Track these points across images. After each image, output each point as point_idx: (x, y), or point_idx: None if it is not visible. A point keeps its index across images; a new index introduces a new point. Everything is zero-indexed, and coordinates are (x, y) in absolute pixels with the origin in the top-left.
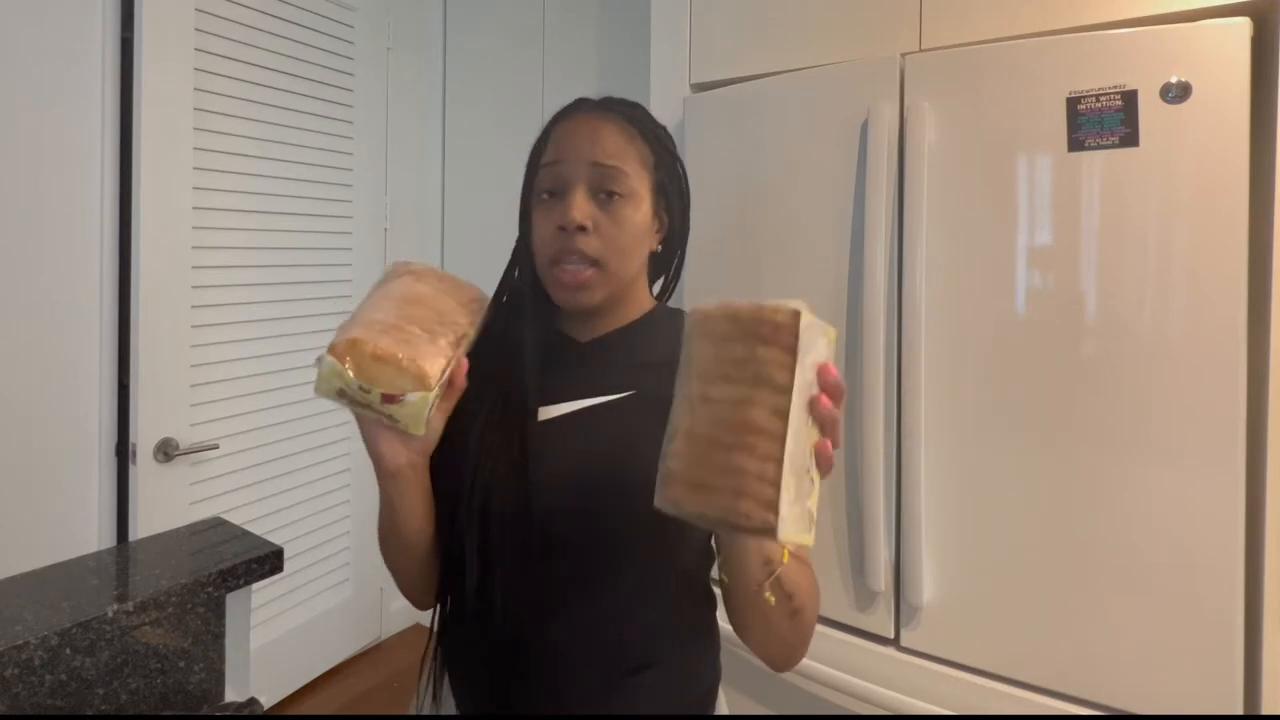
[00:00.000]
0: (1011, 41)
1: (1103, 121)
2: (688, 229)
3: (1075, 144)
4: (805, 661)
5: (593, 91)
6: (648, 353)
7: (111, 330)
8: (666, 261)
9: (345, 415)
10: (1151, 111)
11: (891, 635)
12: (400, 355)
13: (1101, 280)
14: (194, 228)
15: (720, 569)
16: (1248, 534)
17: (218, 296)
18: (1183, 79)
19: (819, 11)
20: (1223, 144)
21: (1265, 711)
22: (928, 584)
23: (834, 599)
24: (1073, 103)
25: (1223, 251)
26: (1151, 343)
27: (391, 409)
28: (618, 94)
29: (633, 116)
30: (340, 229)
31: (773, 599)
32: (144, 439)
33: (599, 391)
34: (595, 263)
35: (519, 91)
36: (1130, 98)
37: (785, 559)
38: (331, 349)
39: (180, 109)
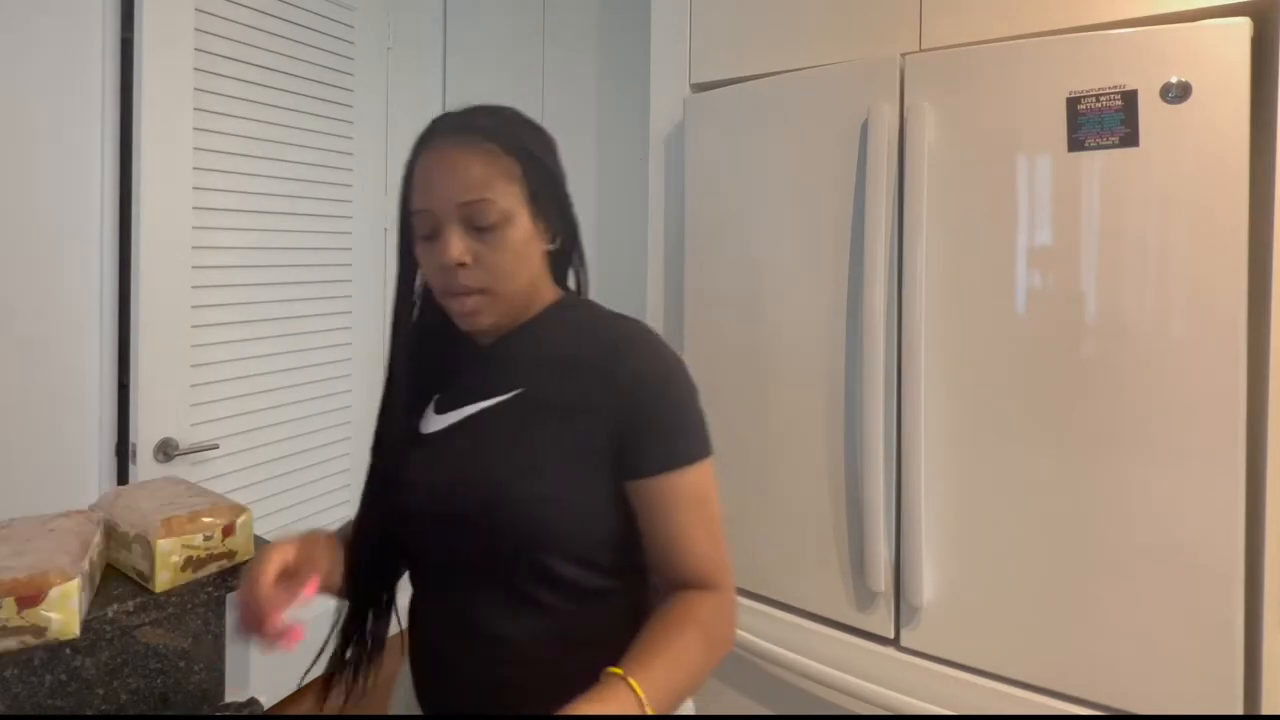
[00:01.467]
0: (1011, 41)
1: (1103, 121)
2: (574, 219)
3: (1075, 144)
4: (805, 661)
5: (592, 92)
6: (539, 350)
7: (111, 330)
8: (567, 254)
9: (345, 415)
10: (1151, 111)
11: (891, 635)
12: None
13: (1101, 280)
14: (194, 228)
15: None
16: (1248, 534)
17: (218, 296)
18: (1183, 79)
19: (819, 11)
20: (1223, 144)
21: (1265, 711)
22: (928, 584)
23: (834, 599)
24: (1073, 103)
25: (1223, 251)
26: (1151, 343)
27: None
28: (618, 94)
29: (490, 130)
30: (340, 229)
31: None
32: (144, 439)
33: (490, 394)
34: (481, 290)
35: (519, 91)
36: (1130, 98)
37: (649, 711)
38: None
39: (180, 109)
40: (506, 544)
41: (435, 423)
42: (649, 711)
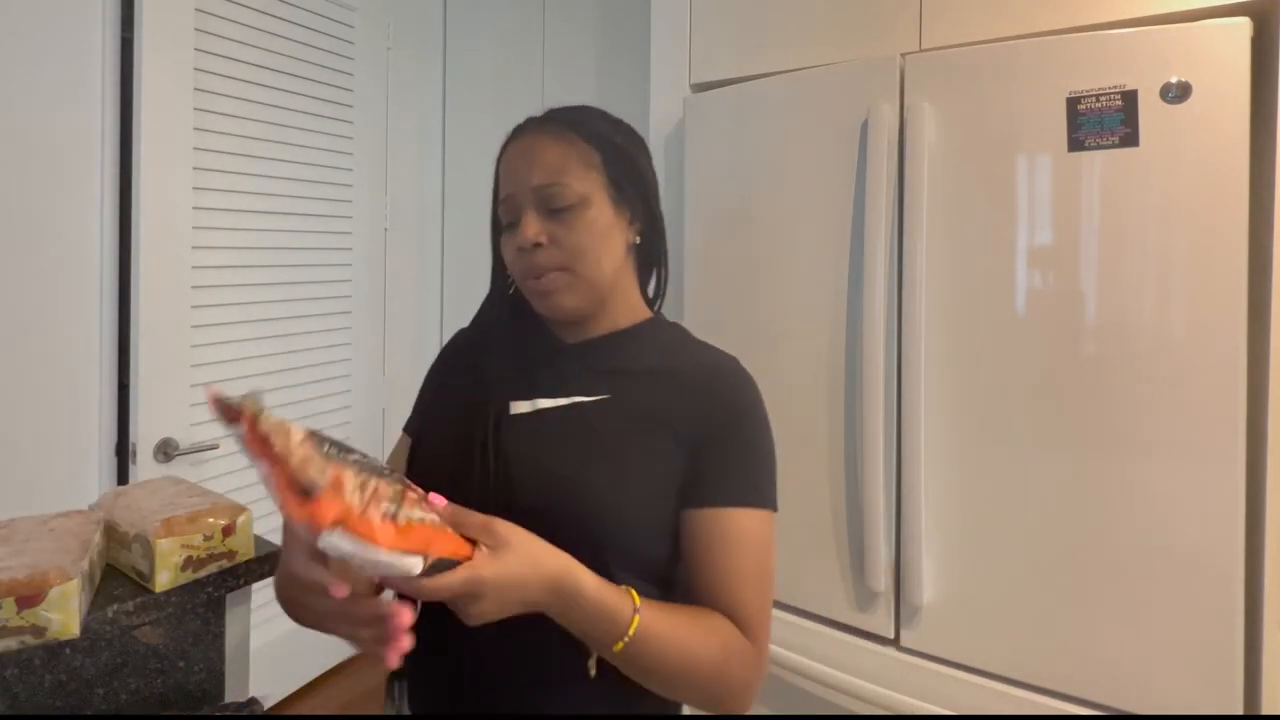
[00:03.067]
0: (1011, 41)
1: (1103, 121)
2: (659, 215)
3: (1075, 144)
4: (805, 661)
5: (592, 92)
6: (632, 360)
7: (111, 330)
8: (651, 252)
9: (345, 416)
10: (1151, 111)
11: (891, 635)
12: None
13: (1101, 280)
14: (194, 228)
15: None
16: (1248, 534)
17: (218, 296)
18: (1183, 79)
19: (819, 11)
20: (1223, 144)
21: (1265, 711)
22: (928, 584)
23: (834, 599)
24: (1073, 103)
25: (1223, 251)
26: (1151, 343)
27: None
28: (618, 94)
29: (573, 122)
30: (340, 229)
31: (594, 672)
32: (144, 439)
33: (575, 392)
34: (560, 269)
35: (519, 91)
36: (1130, 98)
37: (632, 630)
38: None
39: (180, 109)
40: (574, 542)
41: (512, 406)
42: (630, 634)
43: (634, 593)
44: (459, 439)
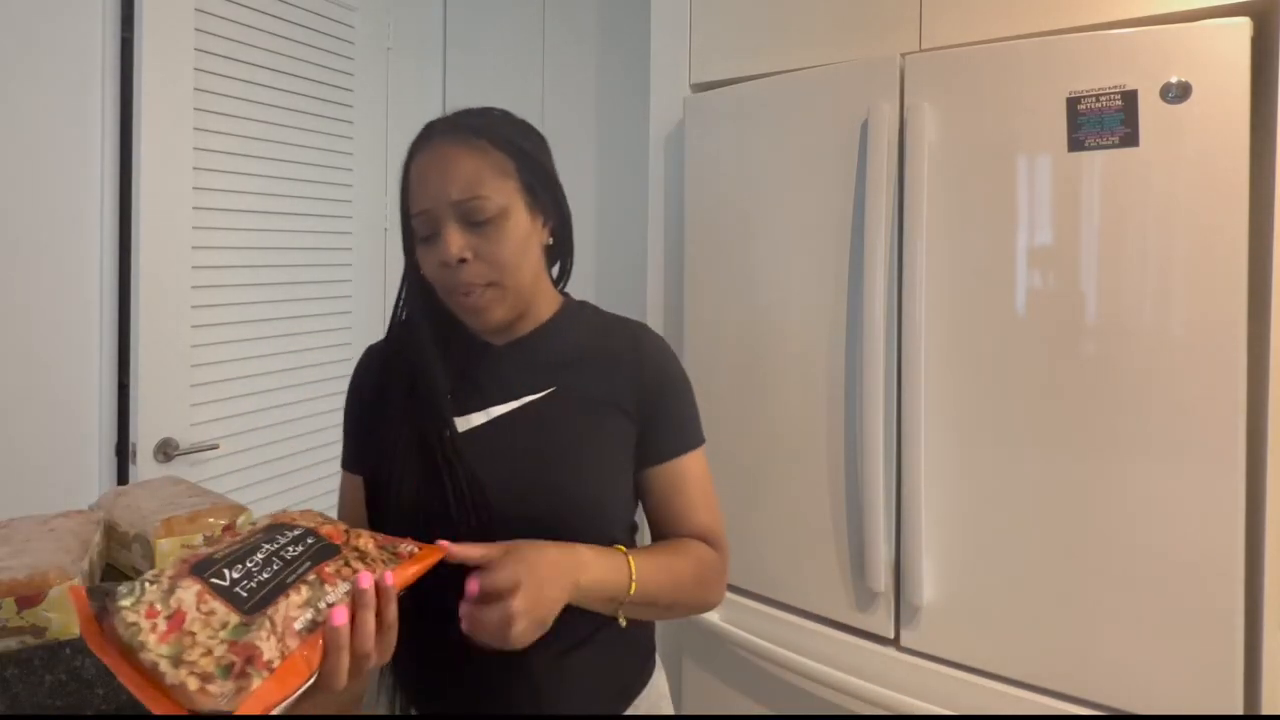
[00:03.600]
0: (1011, 41)
1: (1103, 121)
2: (568, 214)
3: (1075, 144)
4: (805, 661)
5: (592, 92)
6: (565, 349)
7: (111, 330)
8: (561, 251)
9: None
10: (1151, 111)
11: (891, 635)
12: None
13: (1101, 280)
14: (194, 228)
15: None
16: (1248, 534)
17: (218, 296)
18: (1183, 79)
19: (819, 11)
20: (1223, 144)
21: (1265, 711)
22: (928, 584)
23: (834, 599)
24: (1073, 103)
25: (1223, 251)
26: (1151, 343)
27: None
28: (618, 94)
29: (480, 128)
30: (340, 229)
31: (624, 622)
32: (144, 439)
33: (519, 394)
34: (489, 285)
35: (519, 92)
36: (1130, 98)
37: (633, 590)
38: None
39: (180, 109)
40: (557, 537)
41: (461, 423)
42: (631, 593)
43: (629, 558)
44: (421, 467)
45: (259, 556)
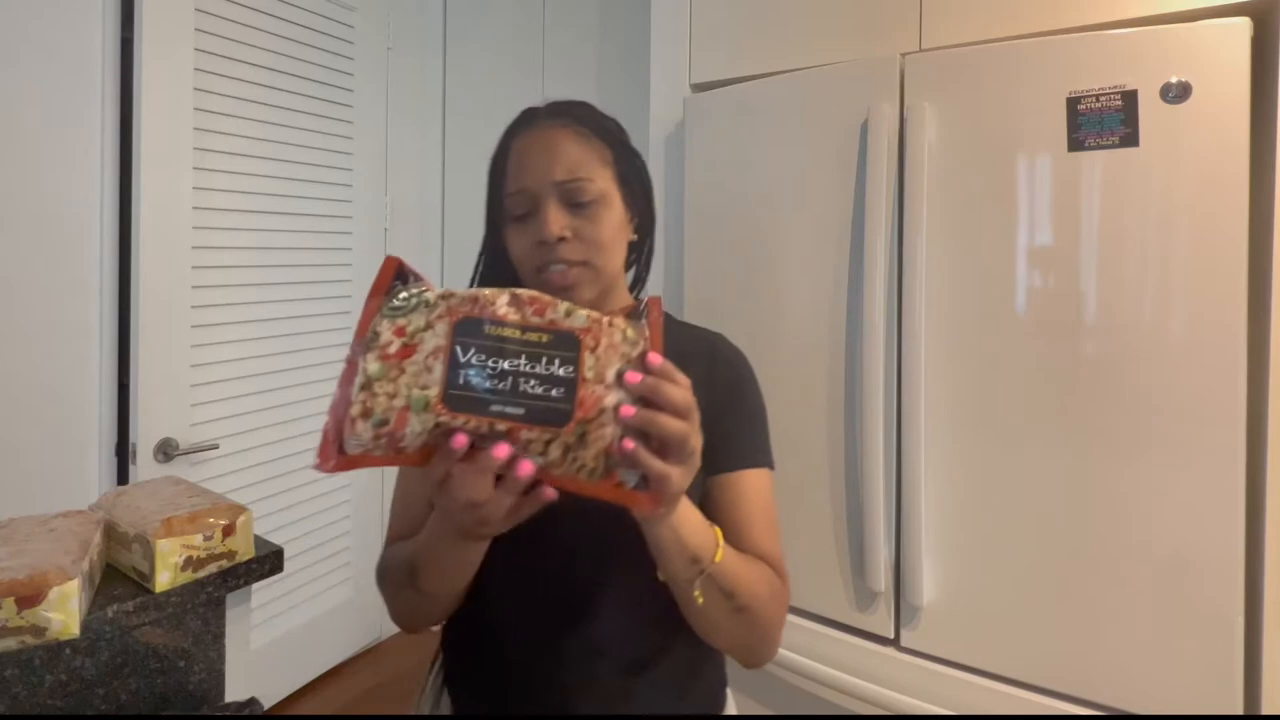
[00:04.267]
0: (1011, 41)
1: (1103, 121)
2: (654, 214)
3: (1075, 144)
4: (805, 661)
5: (592, 92)
6: None
7: (111, 330)
8: (638, 249)
9: None
10: (1151, 111)
11: (891, 635)
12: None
13: (1101, 280)
14: (194, 228)
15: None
16: (1248, 534)
17: (218, 296)
18: (1183, 79)
19: (819, 11)
20: (1223, 144)
21: (1265, 711)
22: (928, 584)
23: (834, 599)
24: (1073, 103)
25: (1222, 251)
26: (1151, 343)
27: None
28: (618, 94)
29: (583, 118)
30: (340, 229)
31: (701, 599)
32: (144, 439)
33: None
34: (582, 264)
35: (519, 92)
36: (1130, 98)
37: (719, 557)
38: None
39: (180, 109)
40: (623, 541)
41: None
42: (719, 547)
43: (716, 529)
44: None
45: (507, 365)
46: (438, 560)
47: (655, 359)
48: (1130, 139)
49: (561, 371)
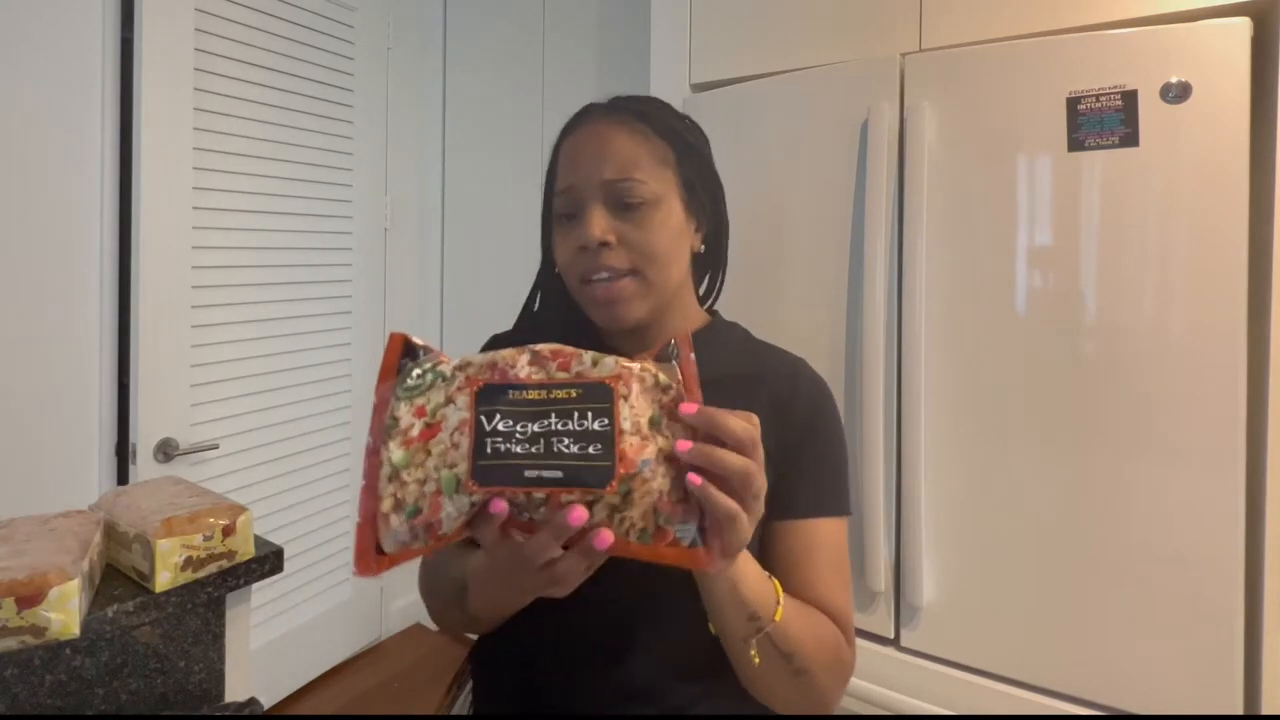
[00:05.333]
0: (1011, 41)
1: (1103, 121)
2: (726, 222)
3: (1075, 144)
4: None
5: (591, 92)
6: (712, 368)
7: (111, 330)
8: (712, 262)
9: (345, 415)
10: (1151, 111)
11: (891, 635)
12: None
13: (1101, 280)
14: (194, 228)
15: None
16: (1248, 534)
17: (218, 296)
18: (1183, 79)
19: (819, 11)
20: (1223, 144)
21: (1265, 711)
22: (928, 584)
23: None
24: (1073, 103)
25: (1223, 251)
26: (1151, 343)
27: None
28: (617, 94)
29: (644, 114)
30: (340, 229)
31: (758, 659)
32: (144, 439)
33: None
34: (630, 273)
35: (519, 91)
36: (1130, 98)
37: (779, 616)
38: None
39: (180, 109)
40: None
41: None
42: (780, 604)
43: (776, 583)
44: None
45: (537, 426)
46: (489, 596)
47: (690, 409)
48: (1130, 139)
49: (597, 425)
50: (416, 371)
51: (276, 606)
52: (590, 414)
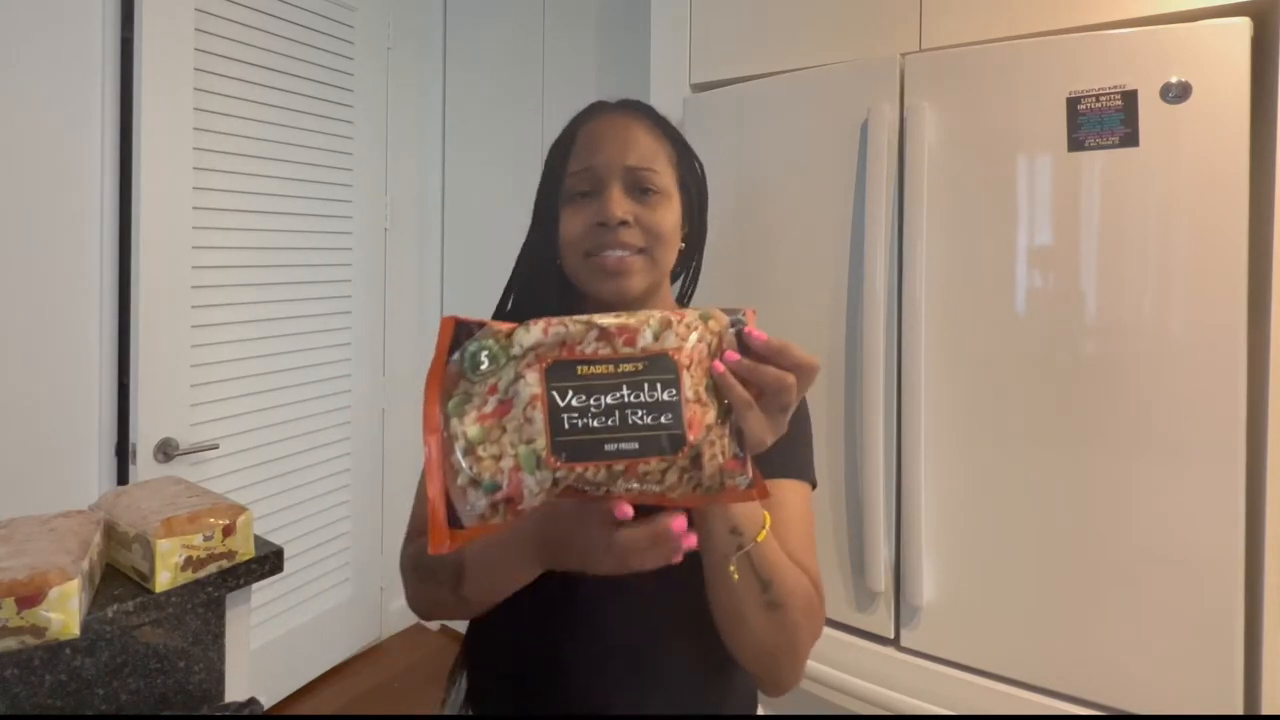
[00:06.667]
0: (1011, 41)
1: (1103, 121)
2: (706, 226)
3: (1075, 144)
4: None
5: (591, 92)
6: None
7: (111, 330)
8: (686, 261)
9: (345, 415)
10: (1151, 111)
11: (891, 635)
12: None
13: (1101, 280)
14: (194, 228)
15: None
16: (1248, 534)
17: (218, 296)
18: (1183, 79)
19: (819, 11)
20: (1223, 144)
21: (1265, 711)
22: (928, 584)
23: (834, 599)
24: (1073, 103)
25: (1223, 251)
26: (1151, 343)
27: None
28: (617, 94)
29: (654, 115)
30: (340, 229)
31: (737, 575)
32: (144, 439)
33: None
34: (640, 251)
35: (519, 91)
36: (1130, 98)
37: (761, 537)
38: None
39: (180, 109)
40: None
41: None
42: (765, 529)
43: (766, 515)
44: None
45: (610, 399)
46: (490, 573)
47: (733, 356)
48: (1130, 139)
49: (665, 396)
50: (485, 353)
51: (276, 606)
52: (660, 385)
